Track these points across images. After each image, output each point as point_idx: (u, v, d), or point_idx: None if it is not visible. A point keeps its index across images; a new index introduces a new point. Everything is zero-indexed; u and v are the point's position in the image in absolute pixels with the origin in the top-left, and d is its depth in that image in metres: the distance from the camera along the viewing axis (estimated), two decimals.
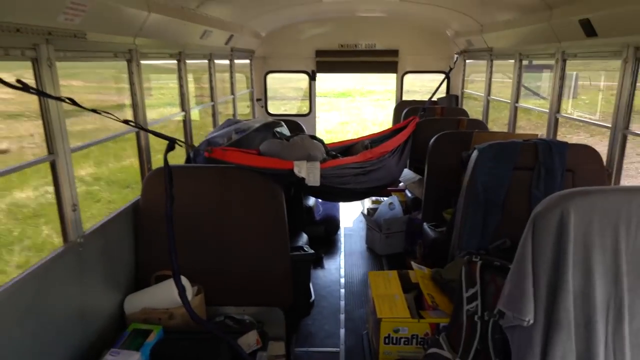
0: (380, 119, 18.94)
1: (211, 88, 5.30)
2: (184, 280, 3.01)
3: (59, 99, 1.99)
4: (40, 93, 1.79)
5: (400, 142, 4.61)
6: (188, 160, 4.07)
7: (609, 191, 1.85)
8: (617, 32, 3.33)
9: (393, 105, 7.70)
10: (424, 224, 4.36)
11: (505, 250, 3.26)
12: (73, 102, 2.12)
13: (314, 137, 3.64)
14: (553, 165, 3.37)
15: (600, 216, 1.77)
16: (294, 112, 8.26)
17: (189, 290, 3.02)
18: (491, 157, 3.37)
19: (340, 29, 7.42)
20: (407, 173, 5.28)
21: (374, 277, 3.15)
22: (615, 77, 3.54)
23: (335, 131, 19.06)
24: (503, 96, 5.99)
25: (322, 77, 8.07)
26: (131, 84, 3.39)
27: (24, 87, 1.69)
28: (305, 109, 7.96)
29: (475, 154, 3.43)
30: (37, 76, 2.35)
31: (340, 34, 7.45)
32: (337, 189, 3.50)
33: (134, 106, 3.43)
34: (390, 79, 7.85)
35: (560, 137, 4.55)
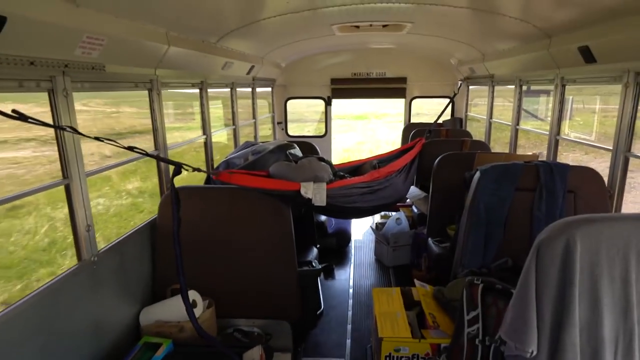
0: (392, 139, 18.67)
1: (233, 113, 5.12)
2: (195, 295, 2.77)
3: (60, 127, 1.78)
4: (38, 122, 1.59)
5: (407, 162, 4.33)
6: (208, 180, 3.88)
7: (616, 219, 1.53)
8: (616, 58, 2.99)
9: (403, 125, 7.44)
10: (429, 239, 4.04)
11: (507, 269, 2.92)
12: (74, 131, 1.92)
13: (322, 159, 3.37)
14: (554, 186, 3.01)
15: (608, 245, 1.46)
16: (316, 133, 8.03)
17: (200, 304, 2.78)
18: (493, 178, 3.04)
19: (353, 59, 7.23)
20: (413, 190, 4.97)
21: (377, 293, 2.84)
22: (608, 100, 3.21)
23: (352, 150, 18.88)
24: (504, 117, 5.66)
25: (342, 102, 7.90)
26: (152, 110, 3.20)
27: (21, 117, 1.48)
28: (322, 131, 7.74)
29: (477, 175, 3.11)
30: (53, 106, 2.18)
31: (353, 63, 7.25)
32: (345, 208, 3.22)
33: (154, 131, 3.24)
34: (401, 103, 7.59)
35: (559, 154, 4.17)
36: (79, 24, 2.05)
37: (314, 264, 3.31)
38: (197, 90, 4.13)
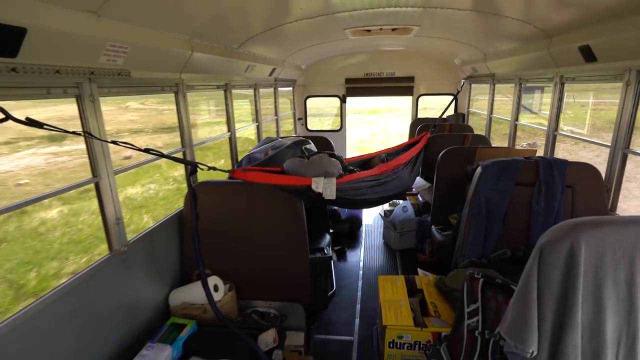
0: (402, 131, 18.34)
1: (256, 111, 4.95)
2: (217, 280, 2.67)
3: (74, 133, 1.66)
4: (52, 128, 1.46)
5: (413, 155, 4.08)
6: None
7: (623, 222, 1.31)
8: (617, 57, 2.68)
9: (410, 120, 7.17)
10: (433, 226, 3.83)
11: (505, 260, 2.71)
12: (90, 135, 1.79)
13: (333, 155, 3.19)
14: (553, 181, 2.76)
15: (613, 248, 1.26)
16: (333, 127, 7.82)
17: (221, 288, 2.68)
18: (494, 173, 2.81)
19: (365, 61, 6.95)
20: (419, 180, 4.74)
21: (383, 281, 2.67)
22: (597, 95, 2.89)
23: (366, 141, 18.62)
24: (502, 112, 5.34)
25: (357, 99, 7.66)
26: (178, 111, 3.07)
27: (33, 124, 1.35)
28: (337, 126, 7.53)
29: (479, 170, 2.87)
30: (81, 111, 2.06)
31: (365, 64, 6.97)
32: (354, 200, 3.04)
33: (181, 130, 3.11)
34: (409, 99, 7.29)
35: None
36: (101, 34, 1.91)
37: (325, 250, 3.17)
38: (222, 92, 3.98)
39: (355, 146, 16.33)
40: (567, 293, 1.29)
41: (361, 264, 4.66)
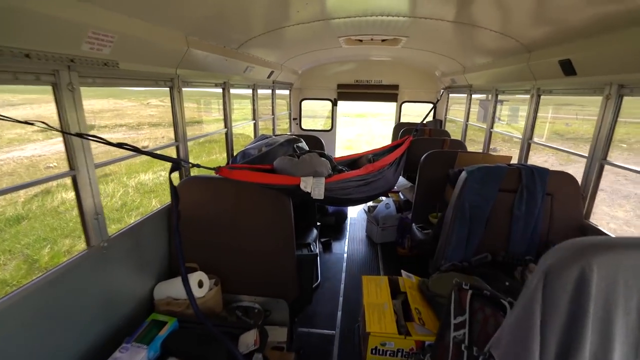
0: (384, 133, 18.01)
1: (253, 110, 4.49)
2: (202, 275, 2.25)
3: (26, 122, 1.21)
4: (10, 119, 1.02)
5: (397, 156, 3.70)
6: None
7: (636, 245, 0.93)
8: (598, 71, 2.31)
9: (394, 124, 6.77)
10: (413, 225, 3.46)
11: (486, 264, 2.34)
12: (48, 126, 1.34)
13: (322, 155, 2.77)
14: (535, 188, 2.39)
15: (626, 274, 0.88)
16: (324, 127, 7.38)
17: (206, 283, 2.26)
18: (478, 179, 2.43)
19: (356, 68, 6.52)
20: (401, 180, 4.36)
21: (367, 281, 2.29)
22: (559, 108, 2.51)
23: (353, 140, 18.27)
24: (472, 117, 4.99)
25: (346, 103, 7.21)
26: (173, 107, 2.61)
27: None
28: (329, 126, 7.09)
29: (464, 175, 2.49)
30: (57, 100, 1.61)
31: (356, 72, 6.54)
32: (341, 199, 2.64)
33: (175, 125, 2.65)
34: (393, 105, 6.90)
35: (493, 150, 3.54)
36: (82, 19, 1.46)
37: (312, 247, 2.77)
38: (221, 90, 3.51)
39: (344, 145, 15.96)
40: (576, 321, 0.92)
41: (345, 255, 4.29)
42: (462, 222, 2.40)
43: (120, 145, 1.48)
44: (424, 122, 5.07)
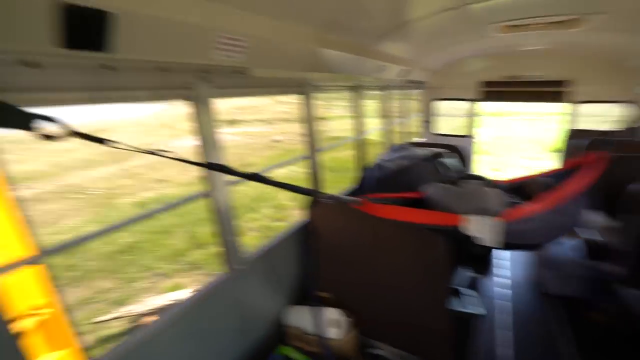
0: (533, 137, 14.71)
1: (385, 114, 4.01)
2: (339, 314, 1.94)
3: (101, 140, 1.06)
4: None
5: (590, 181, 2.54)
6: (362, 179, 2.98)
7: None
8: None
9: (539, 123, 5.09)
10: (628, 289, 2.27)
11: None
12: (112, 142, 1.15)
13: (488, 184, 2.02)
14: None
15: None
16: (461, 131, 6.29)
17: (343, 325, 1.93)
18: None
19: (503, 63, 5.17)
20: (594, 214, 3.03)
21: None
22: None
23: (489, 144, 15.48)
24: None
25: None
26: (304, 115, 2.39)
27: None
28: (466, 131, 5.96)
29: None
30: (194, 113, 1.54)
31: (503, 66, 5.20)
32: (518, 245, 1.87)
33: (307, 136, 2.45)
34: (543, 104, 5.24)
35: None
36: (213, 21, 1.29)
37: (461, 293, 2.08)
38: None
39: (479, 150, 13.62)
40: None
41: (500, 304, 3.14)
42: None
43: (151, 152, 1.16)
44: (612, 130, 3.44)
